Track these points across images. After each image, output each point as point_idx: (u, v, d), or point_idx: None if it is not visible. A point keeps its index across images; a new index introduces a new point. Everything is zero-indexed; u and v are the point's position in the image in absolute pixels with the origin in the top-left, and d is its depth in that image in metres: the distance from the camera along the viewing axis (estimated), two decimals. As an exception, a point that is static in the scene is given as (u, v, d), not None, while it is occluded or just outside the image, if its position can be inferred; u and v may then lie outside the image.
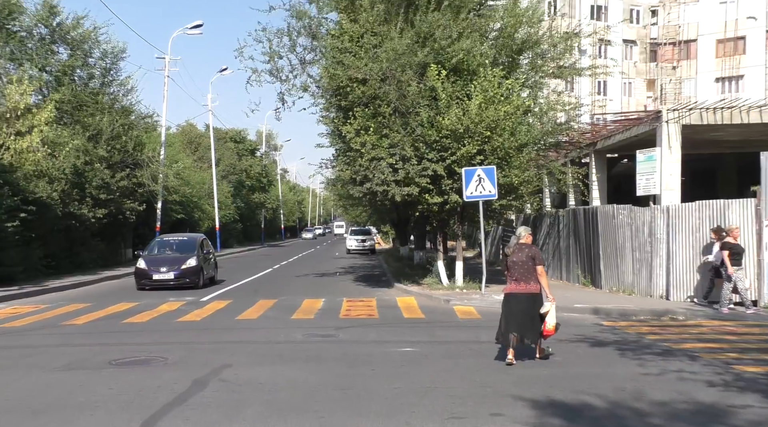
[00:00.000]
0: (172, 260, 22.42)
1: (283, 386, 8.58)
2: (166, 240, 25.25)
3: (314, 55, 21.60)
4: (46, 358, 10.81)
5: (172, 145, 44.92)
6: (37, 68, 28.90)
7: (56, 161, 26.57)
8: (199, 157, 54.05)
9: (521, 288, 10.07)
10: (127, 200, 32.12)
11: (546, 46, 22.05)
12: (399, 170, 18.99)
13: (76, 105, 30.30)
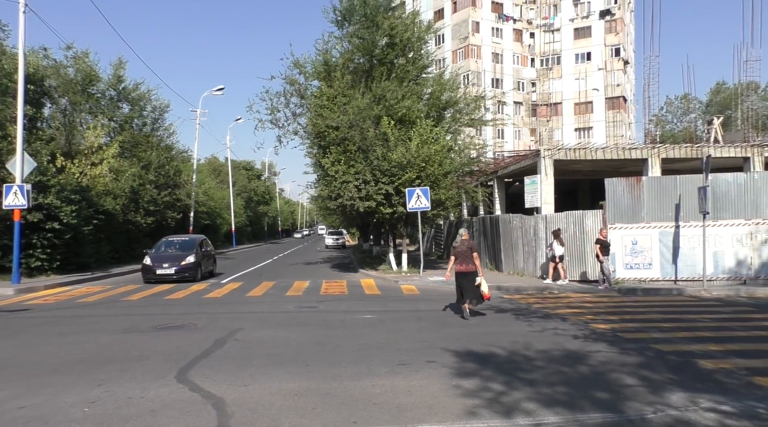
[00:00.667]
0: (174, 257, 19.04)
1: (280, 343, 8.35)
2: (171, 240, 20.90)
3: (302, 109, 21.37)
4: (110, 324, 10.39)
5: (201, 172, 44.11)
6: (107, 118, 28.59)
7: (119, 183, 26.23)
8: (221, 181, 53.13)
9: (464, 268, 10.72)
10: (169, 211, 31.48)
11: (462, 105, 22.16)
12: (362, 190, 18.83)
13: (134, 144, 29.77)
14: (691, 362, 6.96)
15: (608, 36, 54.50)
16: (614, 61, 54.43)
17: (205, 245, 20.95)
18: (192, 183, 35.99)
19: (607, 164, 22.74)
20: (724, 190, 15.75)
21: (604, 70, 54.26)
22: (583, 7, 55.49)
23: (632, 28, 60.99)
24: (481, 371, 6.64)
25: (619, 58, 54.36)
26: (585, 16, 55.30)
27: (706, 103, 48.03)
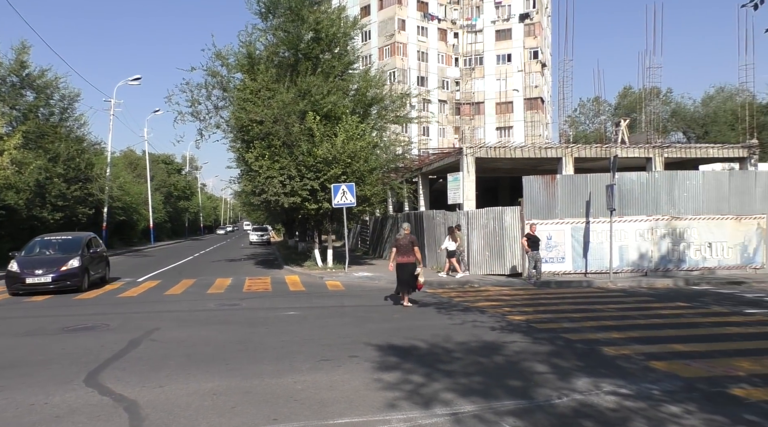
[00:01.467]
0: (51, 261, 14.86)
1: (199, 342, 8.14)
2: (48, 240, 16.44)
3: (225, 102, 20.80)
4: (12, 326, 9.71)
5: (116, 166, 41.78)
6: (8, 106, 26.50)
7: (22, 177, 24.26)
8: (138, 175, 50.69)
9: (405, 259, 11.69)
10: (80, 206, 29.68)
11: (387, 102, 22.35)
12: (286, 185, 18.59)
13: (40, 134, 27.83)
14: (596, 349, 7.43)
15: (527, 39, 56.75)
16: (533, 63, 56.77)
17: (94, 245, 16.94)
18: (106, 177, 34.12)
19: (525, 163, 23.70)
20: (629, 189, 16.86)
21: (524, 71, 56.46)
22: (504, 10, 57.44)
23: (549, 32, 63.82)
24: (403, 364, 6.78)
25: (537, 60, 56.75)
26: (506, 19, 57.27)
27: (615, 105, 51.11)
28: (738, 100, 33.58)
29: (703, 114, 43.21)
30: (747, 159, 22.47)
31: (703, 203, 16.86)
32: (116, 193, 36.57)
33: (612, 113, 48.50)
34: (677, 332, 8.48)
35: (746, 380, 5.88)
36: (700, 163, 24.95)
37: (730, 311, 10.52)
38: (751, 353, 7.00)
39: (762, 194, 16.96)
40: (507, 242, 17.51)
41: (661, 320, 9.55)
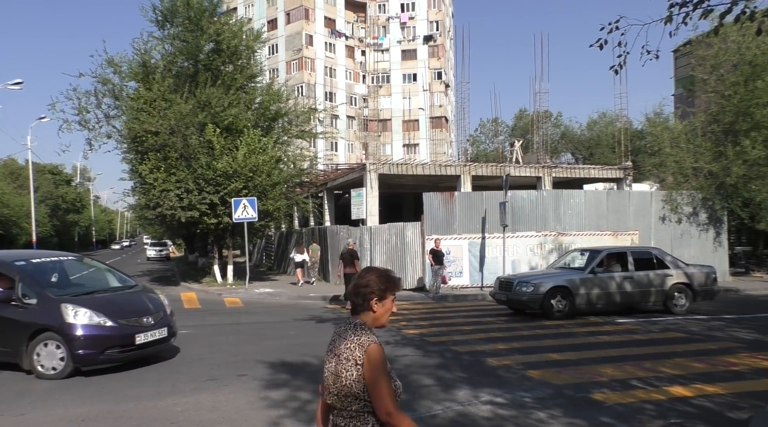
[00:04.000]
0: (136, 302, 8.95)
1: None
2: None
3: (117, 112, 19.74)
4: None
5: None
6: None
7: None
8: (20, 186, 46.66)
9: (348, 270, 14.06)
10: (-52, 220, 26.77)
11: (292, 117, 22.23)
12: (183, 199, 17.95)
13: None
14: (481, 360, 7.78)
15: (431, 60, 58.77)
16: (437, 83, 58.82)
17: None
18: (-20, 188, 31.09)
19: (427, 179, 24.44)
20: (521, 206, 17.86)
21: (429, 91, 58.33)
22: (409, 30, 59.20)
23: (452, 54, 66.52)
24: (292, 381, 6.73)
25: (441, 81, 58.89)
26: (411, 39, 59.02)
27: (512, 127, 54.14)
28: (617, 125, 36.79)
29: (588, 137, 46.92)
30: (623, 180, 24.58)
31: (585, 220, 18.19)
32: (-8, 205, 33.37)
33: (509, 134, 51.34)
34: (555, 342, 9.07)
35: (607, 385, 6.41)
36: (584, 182, 26.93)
37: (604, 321, 11.40)
38: (615, 360, 7.63)
39: (635, 212, 18.58)
40: (409, 256, 17.92)
41: (543, 331, 10.16)
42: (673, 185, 19.86)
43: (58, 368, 6.89)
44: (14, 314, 7.12)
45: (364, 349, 2.29)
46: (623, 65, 6.00)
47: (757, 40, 16.69)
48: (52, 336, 6.94)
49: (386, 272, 2.52)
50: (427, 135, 57.80)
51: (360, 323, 2.42)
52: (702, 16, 5.58)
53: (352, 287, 2.49)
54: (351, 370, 2.29)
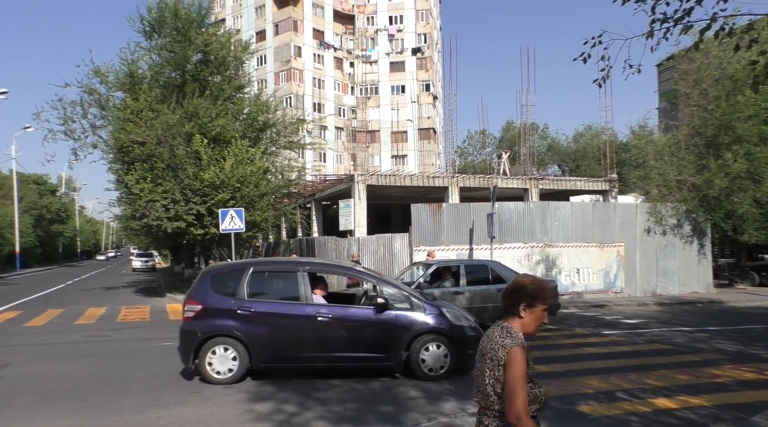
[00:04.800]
0: None
1: (56, 378, 7.51)
2: None
3: (103, 121, 19.65)
4: None
5: (-23, 185, 37.88)
6: None
7: None
8: (4, 196, 46.10)
9: (352, 281, 13.23)
10: (-71, 230, 26.33)
11: (280, 127, 22.25)
12: (170, 210, 17.85)
13: None
14: (467, 373, 7.77)
15: (420, 72, 59.18)
16: (425, 95, 59.19)
17: None
18: (-37, 197, 30.68)
19: (415, 191, 24.48)
20: (508, 217, 17.95)
21: (417, 103, 58.65)
22: (397, 43, 59.63)
23: (440, 66, 67.05)
24: (278, 393, 6.68)
25: (429, 93, 59.27)
26: (399, 52, 59.43)
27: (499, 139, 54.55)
28: (603, 137, 37.21)
29: (574, 149, 47.40)
30: (608, 192, 24.82)
31: (571, 232, 18.32)
32: (-26, 215, 32.90)
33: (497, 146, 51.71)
34: (541, 354, 9.09)
35: (593, 397, 6.44)
36: (570, 194, 27.15)
37: (590, 332, 11.46)
38: (601, 372, 7.67)
39: (620, 224, 18.76)
40: (397, 267, 17.87)
41: (529, 343, 10.10)
42: (658, 198, 20.09)
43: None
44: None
45: (507, 350, 2.36)
46: (607, 79, 6.09)
47: (738, 55, 17.02)
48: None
49: (542, 281, 2.55)
50: (415, 146, 58.03)
51: (507, 326, 2.49)
52: (682, 31, 5.70)
53: (504, 290, 2.55)
54: (493, 370, 2.39)
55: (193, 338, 7.16)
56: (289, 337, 7.24)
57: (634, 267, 18.72)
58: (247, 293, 7.47)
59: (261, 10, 57.03)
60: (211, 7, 21.40)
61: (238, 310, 7.28)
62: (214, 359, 7.14)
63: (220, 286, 7.56)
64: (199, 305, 7.32)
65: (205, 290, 7.44)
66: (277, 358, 7.32)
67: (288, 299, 7.61)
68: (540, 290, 2.48)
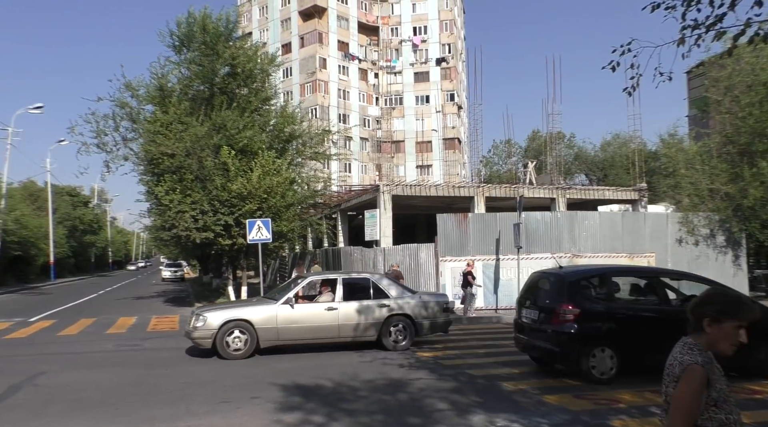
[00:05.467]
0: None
1: (88, 387, 7.64)
2: None
3: (134, 134, 20.12)
4: None
5: (13, 198, 38.87)
6: None
7: None
8: (39, 207, 47.31)
9: None
10: (-33, 241, 27.18)
11: (306, 138, 22.43)
12: (199, 220, 18.08)
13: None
14: (496, 384, 7.68)
15: (444, 82, 59.24)
16: (449, 105, 59.19)
17: None
18: (0, 209, 31.63)
19: (440, 201, 24.45)
20: (535, 227, 17.77)
21: (441, 112, 58.67)
22: (421, 53, 59.85)
23: (465, 76, 67.03)
24: (305, 404, 6.69)
25: (454, 102, 59.25)
26: (423, 62, 59.62)
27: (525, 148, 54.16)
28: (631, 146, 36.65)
29: (602, 158, 46.77)
30: (638, 201, 24.39)
31: (600, 242, 18.03)
32: (11, 226, 33.87)
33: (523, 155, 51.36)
34: (571, 365, 8.92)
35: (626, 412, 6.29)
36: (598, 204, 26.77)
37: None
38: (634, 386, 7.49)
39: (651, 234, 18.39)
40: (423, 278, 17.83)
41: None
42: (689, 207, 19.66)
43: None
44: None
45: (683, 367, 2.29)
46: (636, 87, 6.00)
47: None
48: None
49: (735, 295, 2.43)
50: (440, 156, 57.96)
51: (690, 342, 2.37)
52: (715, 38, 5.58)
53: (690, 303, 2.45)
54: (670, 385, 2.34)
55: (574, 342, 7.70)
56: (655, 340, 7.30)
57: (666, 278, 18.31)
58: (616, 296, 8.38)
59: (287, 23, 57.91)
60: (238, 21, 21.74)
61: (613, 313, 7.95)
62: (594, 361, 7.69)
63: (587, 290, 8.40)
64: (577, 308, 7.82)
65: (578, 295, 8.06)
66: (640, 360, 7.81)
67: (649, 302, 8.43)
68: (729, 305, 2.32)
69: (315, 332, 10.22)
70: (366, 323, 10.44)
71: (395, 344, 10.54)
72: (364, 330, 10.44)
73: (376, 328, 10.49)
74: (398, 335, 10.61)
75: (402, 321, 10.66)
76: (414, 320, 10.70)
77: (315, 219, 24.89)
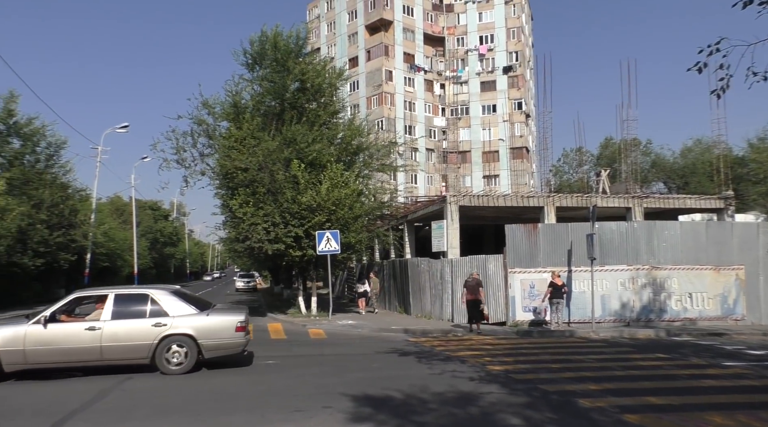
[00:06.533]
0: None
1: (171, 392, 8.02)
2: None
3: (210, 150, 21.08)
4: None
5: (101, 212, 41.73)
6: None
7: (4, 223, 24.22)
8: (124, 221, 50.45)
9: (472, 297, 15.55)
10: (62, 252, 29.39)
11: (373, 151, 22.70)
12: (270, 232, 18.64)
13: (24, 181, 27.85)
14: (572, 401, 7.40)
15: (511, 90, 58.35)
16: (517, 113, 58.19)
17: None
18: (90, 223, 33.97)
19: (509, 211, 23.99)
20: (609, 238, 17.09)
21: (509, 121, 57.76)
22: (488, 62, 59.28)
23: (533, 84, 65.73)
24: (376, 415, 6.70)
25: (521, 111, 58.19)
26: (490, 71, 59.02)
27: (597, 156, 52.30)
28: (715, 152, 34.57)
29: (682, 165, 44.32)
30: (724, 210, 22.94)
31: (681, 253, 17.09)
32: (100, 239, 36.34)
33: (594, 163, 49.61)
34: (654, 385, 8.49)
35: (716, 433, 5.89)
36: (679, 213, 25.40)
37: (708, 363, 10.55)
38: (725, 407, 7.01)
39: (739, 245, 17.24)
40: (491, 289, 17.55)
41: (639, 372, 9.54)
42: (783, 215, 18.30)
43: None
44: None
45: None
46: (726, 89, 5.67)
47: None
48: None
49: None
50: (507, 166, 57.00)
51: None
52: (812, 34, 5.21)
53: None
54: None
55: None
56: None
57: (758, 292, 17.10)
58: None
59: (353, 38, 59.07)
60: (307, 38, 22.42)
61: None
62: None
63: None
64: None
65: None
66: None
67: None
68: None
69: (71, 354, 9.11)
70: (135, 344, 9.30)
71: (171, 366, 9.44)
72: (134, 352, 9.31)
73: (149, 349, 9.36)
74: (175, 357, 9.49)
75: (181, 342, 9.51)
76: (197, 341, 9.55)
77: (382, 230, 25.06)
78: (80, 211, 33.46)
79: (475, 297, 15.51)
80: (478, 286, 15.70)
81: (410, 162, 45.09)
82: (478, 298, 15.49)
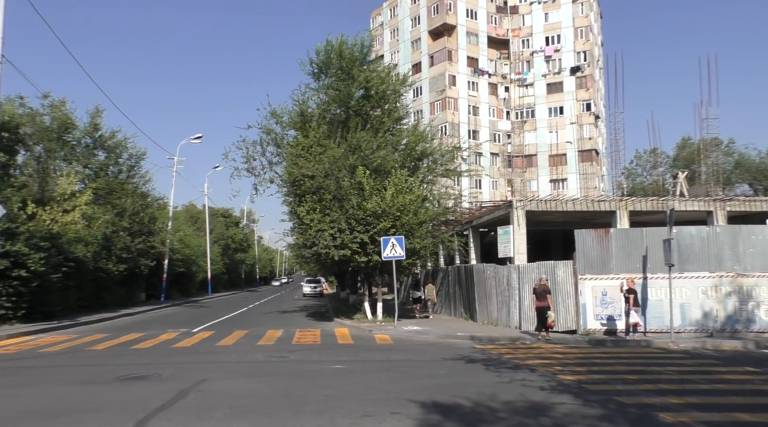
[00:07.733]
0: None
1: (245, 394, 8.25)
2: None
3: (278, 158, 21.71)
4: (70, 375, 10.14)
5: (177, 219, 43.77)
6: (81, 165, 28.65)
7: (91, 230, 25.94)
8: (198, 228, 52.79)
9: (540, 304, 15.46)
10: (142, 258, 31.06)
11: (437, 156, 22.66)
12: (337, 238, 18.93)
13: (109, 191, 29.71)
14: (651, 415, 7.05)
15: (579, 91, 56.67)
16: (585, 115, 56.40)
17: None
18: (167, 230, 35.75)
19: (578, 215, 23.26)
20: (688, 243, 16.20)
21: (577, 123, 56.08)
22: (554, 63, 57.88)
23: (602, 84, 63.56)
24: (445, 422, 6.64)
25: (590, 112, 56.37)
26: (557, 72, 57.58)
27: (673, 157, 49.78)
28: (807, 150, 32.12)
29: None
30: (818, 212, 21.24)
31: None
32: (177, 246, 38.21)
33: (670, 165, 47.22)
34: (743, 400, 7.94)
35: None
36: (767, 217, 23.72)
37: (803, 376, 9.77)
38: (825, 424, 6.47)
39: (837, 250, 15.91)
40: (560, 296, 17.03)
41: (726, 386, 8.96)
42: None
43: None
44: None
45: None
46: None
47: None
48: None
49: None
50: (575, 169, 55.30)
51: None
52: None
53: None
54: None
55: None
56: None
57: None
58: None
59: (417, 44, 59.25)
60: (371, 45, 22.74)
61: None
62: None
63: None
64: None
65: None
66: None
67: None
68: None
69: None
70: None
71: None
72: None
73: None
74: None
75: None
76: None
77: (447, 236, 24.91)
78: (158, 219, 35.22)
79: (542, 303, 15.42)
80: (546, 292, 15.58)
81: (474, 167, 44.60)
82: (544, 304, 15.41)
